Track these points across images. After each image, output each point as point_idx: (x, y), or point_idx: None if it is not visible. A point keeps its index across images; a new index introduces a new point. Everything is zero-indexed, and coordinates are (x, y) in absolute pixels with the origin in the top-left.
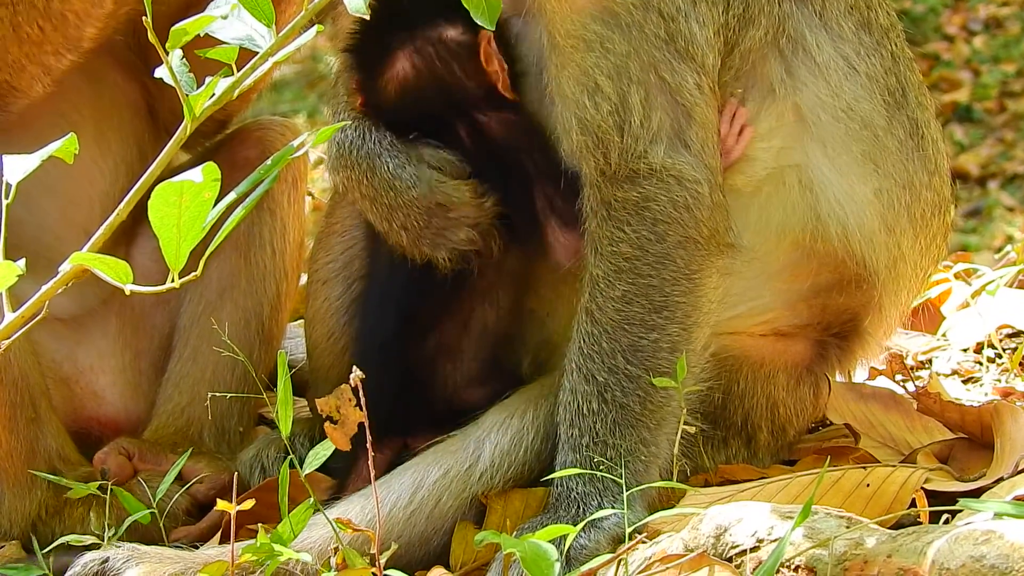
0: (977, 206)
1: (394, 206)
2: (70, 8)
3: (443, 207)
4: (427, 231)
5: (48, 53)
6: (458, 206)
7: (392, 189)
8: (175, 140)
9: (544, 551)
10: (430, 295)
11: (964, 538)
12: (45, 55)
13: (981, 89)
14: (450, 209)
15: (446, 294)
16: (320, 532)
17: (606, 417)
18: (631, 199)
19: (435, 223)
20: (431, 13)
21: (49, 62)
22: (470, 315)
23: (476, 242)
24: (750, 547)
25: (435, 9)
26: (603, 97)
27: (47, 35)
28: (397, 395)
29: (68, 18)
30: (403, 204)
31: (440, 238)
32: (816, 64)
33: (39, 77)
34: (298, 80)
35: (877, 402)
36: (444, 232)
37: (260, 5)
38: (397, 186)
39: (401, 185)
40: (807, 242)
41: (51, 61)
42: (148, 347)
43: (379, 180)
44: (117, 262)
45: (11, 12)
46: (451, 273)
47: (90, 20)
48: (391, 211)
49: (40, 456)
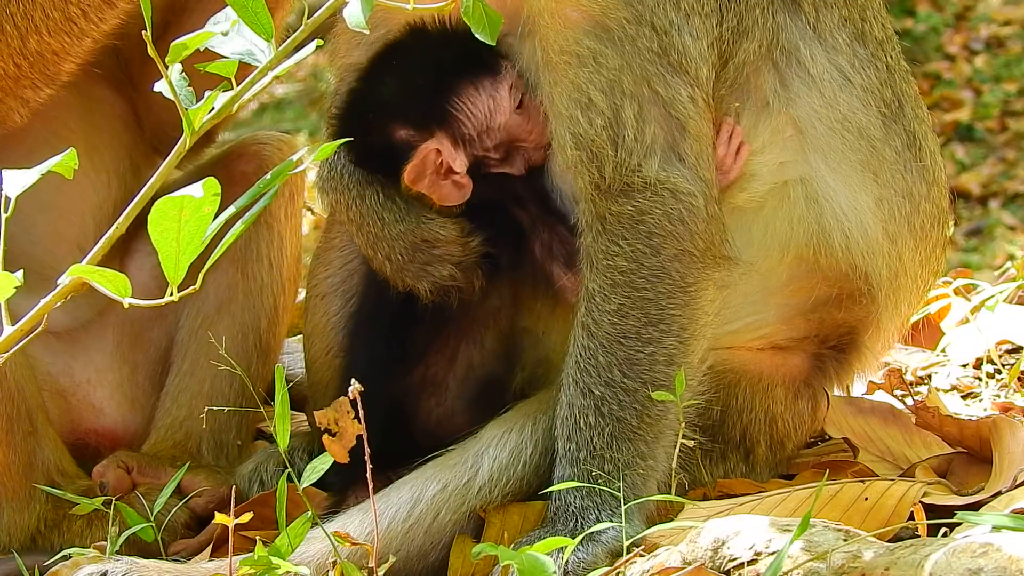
0: (978, 225)
1: (380, 237)
2: (47, 48)
3: (428, 243)
4: (411, 264)
5: (25, 87)
6: (443, 244)
7: (379, 220)
8: (174, 154)
9: (542, 563)
10: (417, 327)
11: (962, 551)
12: (23, 89)
13: (982, 108)
14: (435, 246)
15: (433, 328)
16: (318, 546)
17: (603, 431)
18: (626, 213)
19: (419, 257)
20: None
21: (27, 95)
22: (455, 352)
23: (458, 279)
24: (748, 560)
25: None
26: (596, 112)
27: (23, 72)
28: (382, 427)
29: (46, 56)
30: (388, 236)
31: (422, 272)
32: (810, 76)
33: (16, 109)
34: (300, 99)
35: (876, 416)
36: (426, 267)
37: (260, 20)
38: (385, 218)
39: (388, 217)
40: (810, 256)
41: (28, 95)
42: (146, 361)
43: (367, 208)
44: (116, 275)
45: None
46: (436, 306)
47: (68, 57)
48: (376, 240)
49: (38, 469)
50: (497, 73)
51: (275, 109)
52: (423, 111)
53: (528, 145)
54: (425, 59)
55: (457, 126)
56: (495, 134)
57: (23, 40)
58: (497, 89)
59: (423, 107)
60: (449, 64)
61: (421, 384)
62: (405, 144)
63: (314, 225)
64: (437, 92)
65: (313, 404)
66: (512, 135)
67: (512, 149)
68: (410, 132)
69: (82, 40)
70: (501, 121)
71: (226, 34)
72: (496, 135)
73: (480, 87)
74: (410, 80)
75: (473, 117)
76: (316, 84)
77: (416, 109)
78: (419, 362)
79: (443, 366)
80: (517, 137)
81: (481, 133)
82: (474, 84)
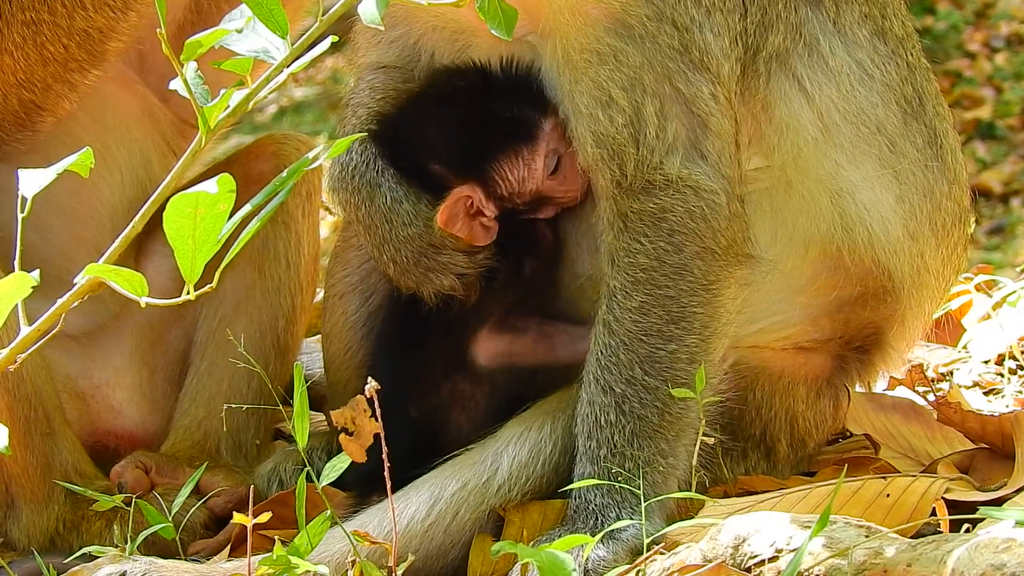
0: (1000, 223)
1: (387, 239)
2: (93, 25)
3: (435, 248)
4: (415, 268)
5: (73, 71)
6: (450, 251)
7: (387, 222)
8: (190, 152)
9: (562, 561)
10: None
11: (984, 546)
12: (70, 73)
13: (1003, 106)
14: (441, 252)
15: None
16: (337, 545)
17: (624, 428)
18: (647, 210)
19: (423, 263)
20: None
21: (74, 79)
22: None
23: (457, 290)
24: (769, 557)
25: None
26: (617, 109)
27: (71, 53)
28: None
29: (92, 35)
30: (395, 239)
31: (425, 278)
32: (829, 69)
33: (65, 95)
34: (319, 102)
35: (897, 413)
36: (429, 273)
37: (275, 17)
38: (393, 220)
39: (397, 220)
40: (833, 252)
41: (76, 78)
42: (164, 362)
43: (376, 210)
44: (133, 274)
45: (33, 32)
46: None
47: (113, 35)
48: (384, 242)
49: (56, 471)
50: (537, 140)
51: (294, 112)
52: (462, 163)
53: (560, 200)
54: (473, 113)
55: (491, 185)
56: (526, 195)
57: (71, 19)
58: (534, 158)
59: (462, 160)
60: (494, 126)
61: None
62: (439, 177)
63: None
64: (477, 152)
65: (331, 404)
66: (544, 195)
67: (540, 203)
68: (446, 172)
69: (127, 14)
70: (533, 188)
71: (241, 31)
72: (527, 196)
73: (519, 156)
74: (454, 131)
75: (507, 182)
76: (335, 87)
77: (455, 159)
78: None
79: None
80: (549, 197)
81: (513, 194)
82: (514, 152)
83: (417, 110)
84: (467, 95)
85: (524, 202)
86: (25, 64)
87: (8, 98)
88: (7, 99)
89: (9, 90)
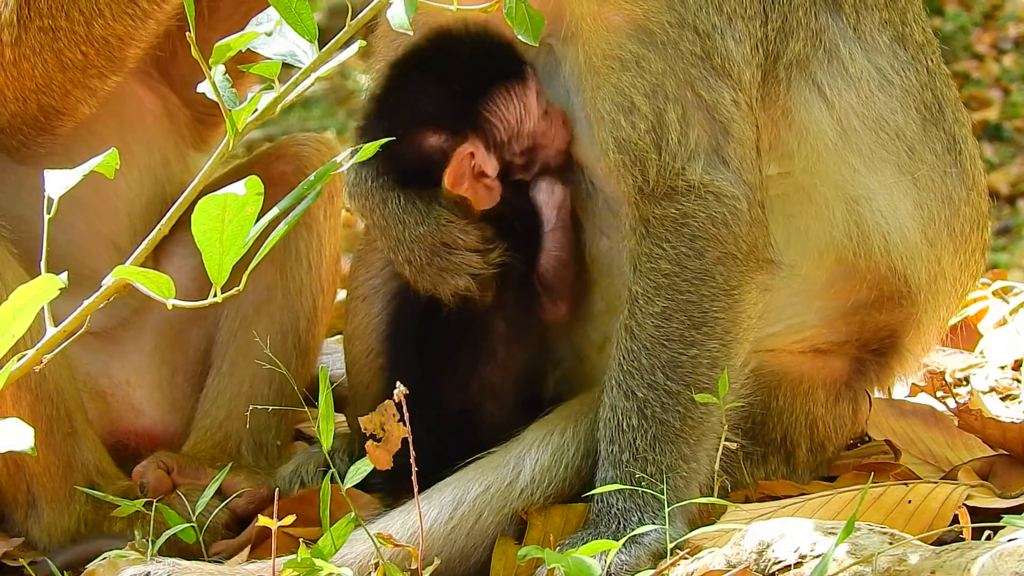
0: (1007, 224)
1: (401, 240)
2: (112, 33)
3: (447, 246)
4: (429, 268)
5: (92, 76)
6: (462, 249)
7: (401, 223)
8: (218, 155)
9: (588, 566)
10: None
11: (1008, 554)
12: (89, 78)
13: (1011, 108)
14: (454, 250)
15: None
16: (361, 548)
17: (646, 433)
18: (669, 216)
19: (437, 262)
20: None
21: (94, 84)
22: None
23: (473, 291)
24: (793, 563)
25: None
26: (639, 116)
27: (90, 59)
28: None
29: (111, 42)
30: (408, 239)
31: (439, 278)
32: (849, 75)
33: (85, 100)
34: (327, 97)
35: (918, 419)
36: (443, 273)
37: (304, 21)
38: (406, 220)
39: (410, 220)
40: (850, 258)
41: (96, 84)
42: (185, 362)
43: (389, 212)
44: (160, 276)
45: (51, 38)
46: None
47: (133, 42)
48: (398, 244)
49: (78, 470)
50: (526, 79)
51: (302, 107)
52: (458, 115)
53: (549, 151)
54: (458, 64)
55: (491, 130)
56: (523, 139)
57: (88, 26)
58: (527, 94)
59: (458, 111)
60: (483, 69)
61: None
62: (438, 151)
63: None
64: (472, 96)
65: (353, 405)
66: (537, 141)
67: (534, 155)
68: (443, 138)
69: (146, 22)
70: (530, 127)
71: (270, 35)
72: (524, 140)
73: (512, 92)
74: (444, 84)
75: (506, 122)
76: (343, 82)
77: (451, 113)
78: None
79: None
80: (541, 143)
81: (511, 138)
82: (507, 89)
83: (398, 84)
84: (446, 53)
85: (520, 150)
86: (43, 69)
87: (28, 102)
88: (27, 103)
89: (28, 95)
